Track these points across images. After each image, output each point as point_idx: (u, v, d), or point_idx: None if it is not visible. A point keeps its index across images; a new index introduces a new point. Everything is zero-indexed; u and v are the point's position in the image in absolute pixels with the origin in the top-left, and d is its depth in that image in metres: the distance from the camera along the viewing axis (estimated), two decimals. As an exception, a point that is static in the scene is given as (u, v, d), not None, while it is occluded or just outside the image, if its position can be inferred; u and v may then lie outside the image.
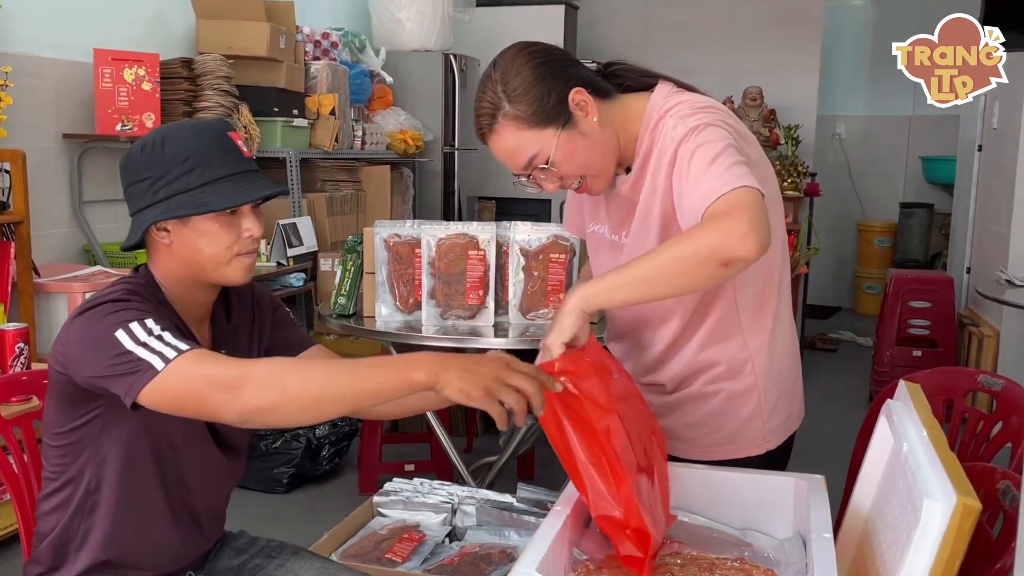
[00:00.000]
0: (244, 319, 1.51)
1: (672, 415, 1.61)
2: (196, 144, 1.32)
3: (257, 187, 1.34)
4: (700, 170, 1.31)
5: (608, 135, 1.45)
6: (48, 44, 3.15)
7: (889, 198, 6.94)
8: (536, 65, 1.41)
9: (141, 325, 1.22)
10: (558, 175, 1.44)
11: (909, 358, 4.26)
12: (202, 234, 1.32)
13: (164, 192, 1.31)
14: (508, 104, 1.40)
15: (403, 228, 2.52)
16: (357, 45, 4.69)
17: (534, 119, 1.40)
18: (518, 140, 1.41)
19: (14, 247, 2.71)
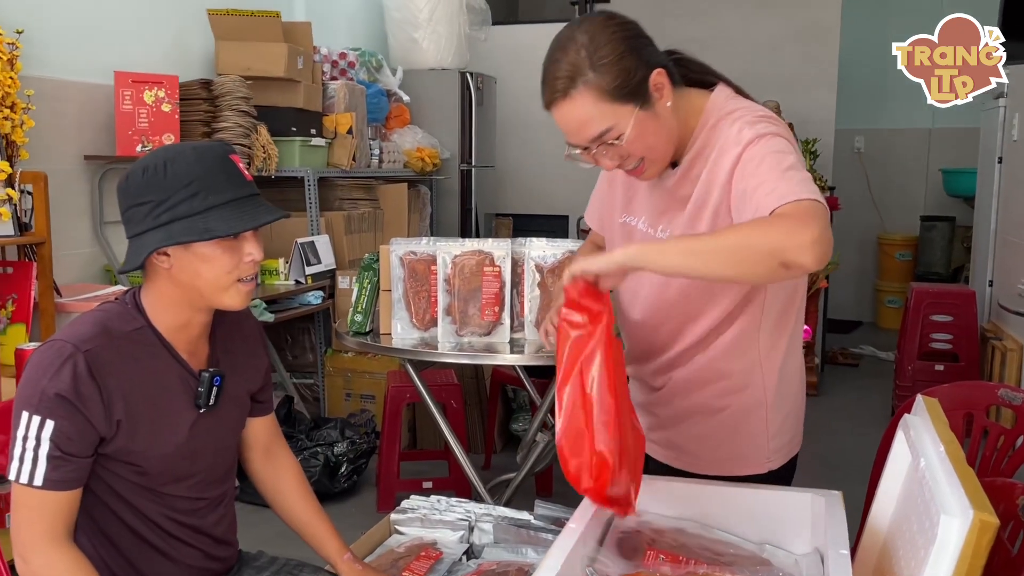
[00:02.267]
0: (243, 345, 1.52)
1: (678, 427, 1.61)
2: (199, 168, 1.31)
3: (260, 212, 1.35)
4: (774, 175, 1.28)
5: (674, 124, 1.42)
6: (70, 67, 3.20)
7: (909, 211, 6.89)
8: (625, 38, 1.36)
9: (39, 427, 1.27)
10: (621, 154, 1.39)
11: (931, 372, 4.21)
12: (203, 259, 1.32)
13: (166, 216, 1.30)
14: (592, 72, 1.33)
15: (419, 245, 2.53)
16: (374, 65, 4.72)
17: (616, 93, 1.34)
18: (595, 111, 1.35)
19: (36, 267, 2.74)
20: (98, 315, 1.35)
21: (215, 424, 1.46)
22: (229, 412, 1.49)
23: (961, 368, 4.20)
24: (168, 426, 1.39)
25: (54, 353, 1.28)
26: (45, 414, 1.26)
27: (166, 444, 1.39)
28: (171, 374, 1.39)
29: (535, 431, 2.72)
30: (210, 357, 1.46)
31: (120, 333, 1.34)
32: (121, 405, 1.32)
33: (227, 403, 1.47)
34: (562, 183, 6.03)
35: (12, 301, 2.69)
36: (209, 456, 1.46)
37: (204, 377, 1.42)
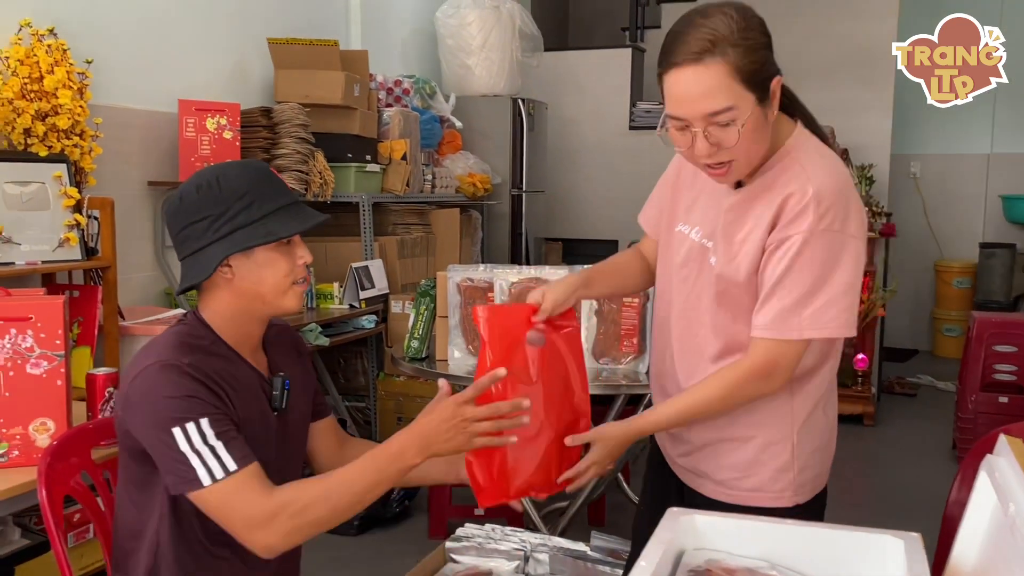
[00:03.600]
0: (290, 355, 1.57)
1: (706, 455, 1.61)
2: (248, 180, 1.39)
3: (309, 215, 1.43)
4: (792, 292, 1.39)
5: (769, 136, 1.40)
6: (136, 95, 3.28)
7: (968, 238, 6.73)
8: (766, 33, 1.36)
9: (197, 428, 1.29)
10: (722, 142, 1.34)
11: (995, 404, 4.09)
12: (264, 264, 1.39)
13: (227, 228, 1.36)
14: (735, 47, 1.29)
15: (476, 272, 2.54)
16: (428, 91, 4.77)
17: (749, 77, 1.31)
18: (724, 85, 1.30)
19: (101, 291, 2.80)
20: (171, 338, 1.39)
21: (290, 428, 1.51)
22: (296, 417, 1.54)
23: (1026, 400, 4.07)
24: (263, 432, 1.43)
25: (161, 371, 1.31)
26: (194, 416, 1.29)
27: (268, 448, 1.43)
28: (251, 380, 1.44)
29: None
30: (269, 364, 1.51)
31: (201, 347, 1.38)
32: (233, 406, 1.37)
33: (294, 408, 1.52)
34: (611, 208, 6.02)
35: (78, 324, 2.74)
36: (291, 462, 1.52)
37: (276, 380, 1.47)
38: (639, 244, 1.78)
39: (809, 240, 1.36)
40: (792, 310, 1.39)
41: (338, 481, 1.34)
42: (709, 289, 1.51)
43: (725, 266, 1.47)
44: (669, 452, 1.68)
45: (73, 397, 1.95)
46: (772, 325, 1.41)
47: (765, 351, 1.43)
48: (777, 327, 1.41)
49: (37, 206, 2.66)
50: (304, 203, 1.46)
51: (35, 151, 2.67)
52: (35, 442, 1.81)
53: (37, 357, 1.79)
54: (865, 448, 4.59)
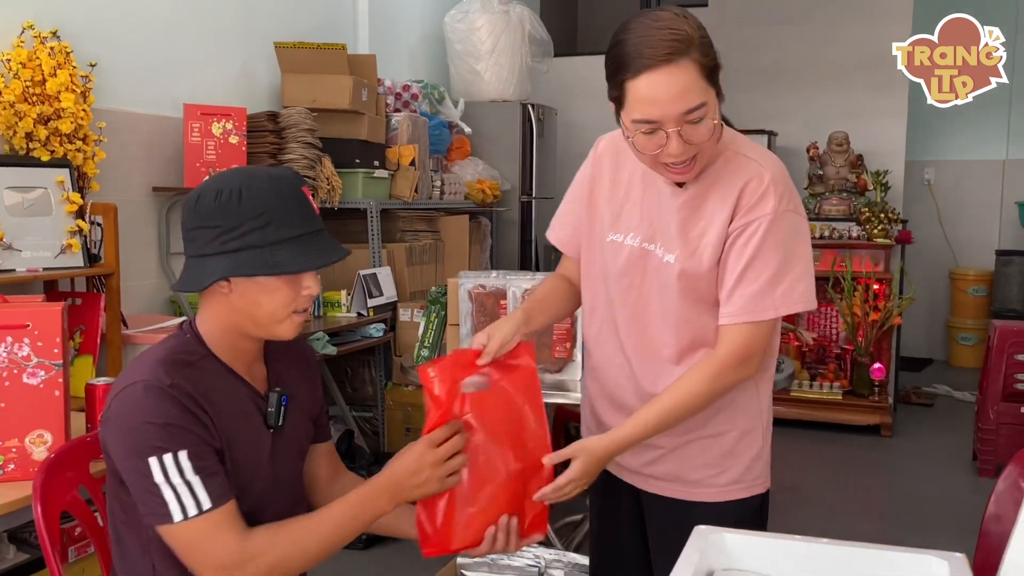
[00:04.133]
0: (296, 369, 1.49)
1: (679, 459, 1.59)
2: (273, 199, 1.28)
3: (327, 250, 1.33)
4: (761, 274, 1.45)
5: None
6: (140, 100, 3.23)
7: (983, 245, 6.64)
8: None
9: (175, 460, 1.22)
10: (692, 141, 1.39)
11: (1017, 415, 4.00)
12: (265, 289, 1.30)
13: (234, 244, 1.27)
14: (699, 48, 1.36)
15: (488, 279, 2.47)
16: (436, 97, 4.72)
17: (710, 74, 1.38)
18: (698, 84, 1.36)
19: (104, 299, 2.74)
20: (160, 352, 1.31)
21: (287, 446, 1.43)
22: (295, 434, 1.46)
23: (1049, 411, 3.98)
24: (255, 451, 1.36)
25: (143, 393, 1.24)
26: (173, 447, 1.22)
27: (260, 468, 1.36)
28: (243, 397, 1.36)
29: (606, 473, 2.61)
30: (269, 378, 1.43)
31: (188, 363, 1.31)
32: (219, 429, 1.29)
33: (292, 425, 1.44)
34: (622, 215, 5.94)
35: (80, 332, 2.68)
36: (286, 480, 1.44)
37: (272, 397, 1.39)
38: (560, 268, 1.77)
39: (774, 221, 1.44)
40: (764, 291, 1.45)
41: (310, 528, 1.30)
42: (664, 290, 1.53)
43: (686, 261, 1.49)
44: (628, 464, 1.64)
45: (73, 407, 1.89)
46: (746, 309, 1.46)
47: (741, 336, 1.47)
48: (750, 310, 1.46)
49: (39, 212, 2.60)
50: (325, 233, 1.35)
51: (37, 156, 2.62)
52: (31, 455, 1.74)
53: (34, 366, 1.73)
54: (884, 460, 4.50)
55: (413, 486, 1.33)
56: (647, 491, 1.64)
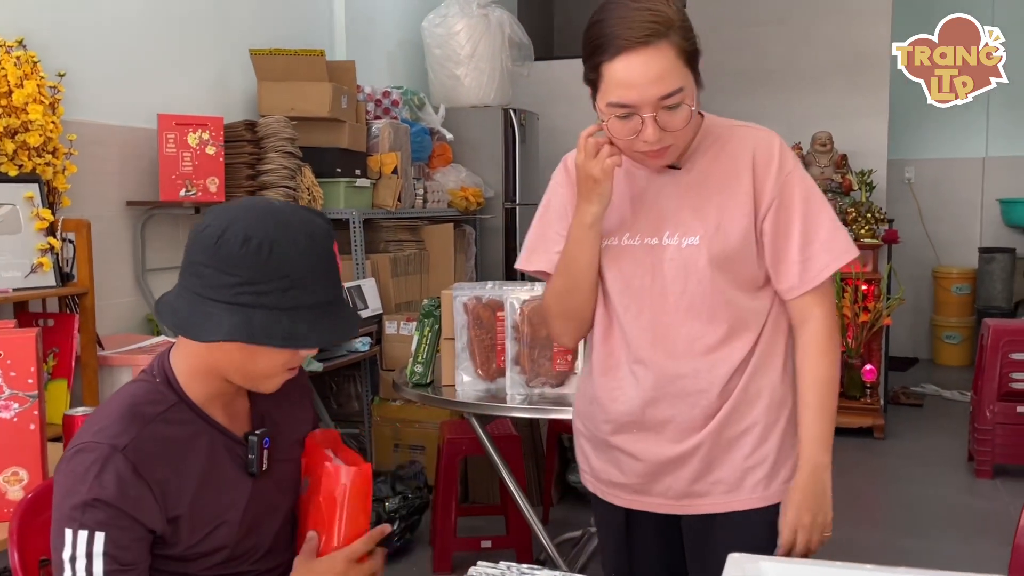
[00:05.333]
0: (285, 396, 1.36)
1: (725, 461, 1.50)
2: (303, 262, 1.16)
3: (345, 324, 1.22)
4: (827, 224, 1.46)
5: None
6: (112, 111, 3.10)
7: (966, 243, 6.64)
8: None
9: (88, 540, 1.11)
10: (668, 127, 1.34)
11: (1013, 415, 3.96)
12: (265, 353, 1.19)
13: (249, 299, 1.14)
14: (679, 31, 1.33)
15: (484, 290, 2.38)
16: (416, 103, 4.62)
17: (689, 59, 1.35)
18: (674, 66, 1.32)
19: (78, 320, 2.61)
20: (124, 401, 1.19)
21: (271, 488, 1.32)
22: (282, 472, 1.35)
23: (1045, 410, 3.95)
24: (227, 505, 1.25)
25: (89, 459, 1.13)
26: (92, 526, 1.11)
27: (229, 525, 1.24)
28: (216, 447, 1.25)
29: (611, 489, 2.52)
30: (252, 416, 1.32)
31: (153, 416, 1.19)
32: (175, 498, 1.18)
33: (279, 463, 1.33)
34: (606, 220, 5.87)
35: (53, 356, 2.55)
36: (269, 524, 1.32)
37: (252, 441, 1.28)
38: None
39: (801, 176, 1.46)
40: (815, 252, 1.44)
41: None
42: (689, 277, 1.45)
43: (712, 239, 1.43)
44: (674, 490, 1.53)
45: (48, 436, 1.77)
46: (807, 277, 1.45)
47: (818, 302, 1.47)
48: (812, 275, 1.45)
49: (7, 229, 2.47)
50: (342, 301, 1.24)
51: (4, 171, 2.48)
52: (6, 495, 1.62)
53: (7, 399, 1.61)
54: (879, 462, 4.45)
55: None
56: (688, 514, 1.54)
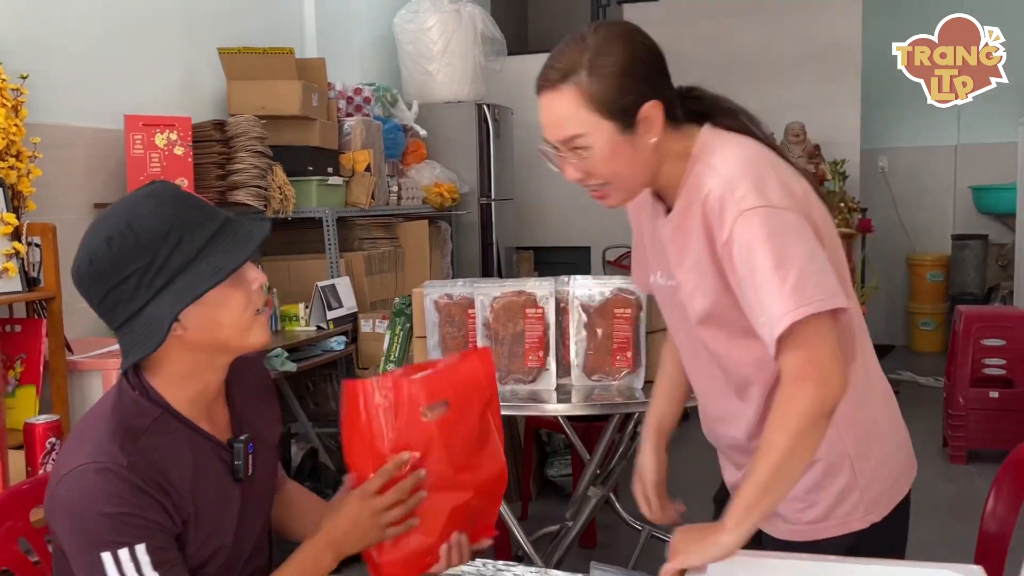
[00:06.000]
0: (256, 396, 1.37)
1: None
2: (167, 212, 1.14)
3: (251, 231, 1.19)
4: (765, 278, 1.23)
5: (653, 160, 1.35)
6: (77, 112, 3.06)
7: (939, 230, 6.70)
8: (634, 58, 1.30)
9: (131, 555, 1.09)
10: (586, 168, 1.32)
11: (986, 400, 4.00)
12: (217, 304, 1.16)
13: (162, 278, 1.13)
14: (587, 75, 1.27)
15: (454, 288, 2.36)
16: (389, 99, 4.59)
17: (601, 105, 1.28)
18: (574, 113, 1.28)
19: (46, 325, 2.58)
20: (111, 419, 1.16)
21: (257, 492, 1.32)
22: (264, 475, 1.34)
23: (1017, 394, 3.99)
24: (222, 510, 1.24)
25: (96, 477, 1.10)
26: (129, 540, 1.09)
27: (225, 531, 1.24)
28: (206, 454, 1.23)
29: (586, 485, 2.53)
30: (232, 421, 1.31)
31: (143, 429, 1.16)
32: (180, 504, 1.17)
33: (261, 466, 1.32)
34: (583, 214, 5.87)
35: (21, 362, 2.52)
36: (253, 527, 1.32)
37: (238, 448, 1.26)
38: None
39: (743, 227, 1.26)
40: (775, 300, 1.24)
41: None
42: (690, 323, 1.42)
43: (693, 291, 1.38)
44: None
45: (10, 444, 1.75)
46: (770, 325, 1.24)
47: (787, 354, 1.25)
48: (774, 324, 1.23)
49: (-30, 235, 2.44)
50: (235, 217, 1.22)
51: (-34, 175, 2.45)
52: (-34, 504, 1.59)
53: (-34, 406, 1.58)
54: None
55: (354, 540, 1.25)
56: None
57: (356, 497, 1.23)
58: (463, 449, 1.29)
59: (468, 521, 1.34)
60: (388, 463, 1.23)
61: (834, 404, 1.23)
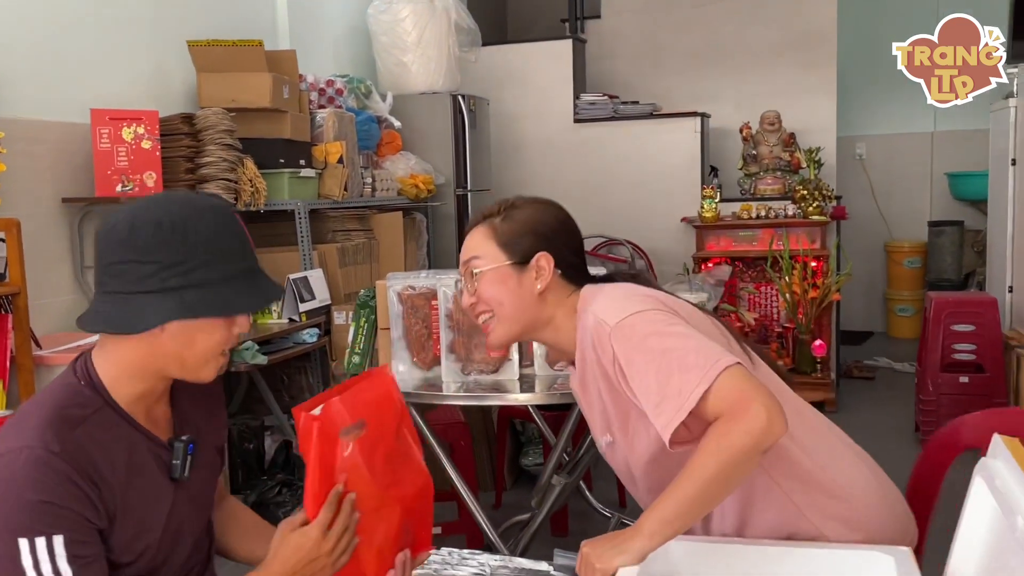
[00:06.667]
0: (204, 400, 1.38)
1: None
2: (217, 234, 1.19)
3: (269, 287, 1.26)
4: (651, 377, 1.31)
5: (537, 307, 1.54)
6: (42, 107, 3.05)
7: (916, 217, 6.74)
8: (545, 218, 1.56)
9: (48, 545, 1.09)
10: (477, 292, 1.54)
11: (956, 385, 4.04)
12: (202, 329, 1.20)
13: (176, 282, 1.16)
14: (500, 219, 1.56)
15: (418, 279, 2.37)
16: (363, 91, 4.59)
17: (501, 239, 1.53)
18: (479, 243, 1.55)
19: (12, 319, 2.58)
20: (49, 406, 1.17)
21: (193, 493, 1.33)
22: (202, 476, 1.36)
23: (987, 379, 4.03)
24: (152, 509, 1.24)
25: (25, 463, 1.11)
26: (48, 530, 1.10)
27: (153, 531, 1.24)
28: (141, 451, 1.24)
29: (550, 473, 2.55)
30: (173, 421, 1.32)
31: (80, 419, 1.17)
32: (109, 500, 1.17)
33: (200, 467, 1.33)
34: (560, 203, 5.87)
35: (-14, 357, 2.52)
36: (189, 532, 1.33)
37: (178, 447, 1.28)
38: None
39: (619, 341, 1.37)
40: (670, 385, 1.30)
41: None
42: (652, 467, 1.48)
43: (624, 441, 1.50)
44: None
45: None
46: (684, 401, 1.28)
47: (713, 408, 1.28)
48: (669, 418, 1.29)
49: (-67, 231, 2.44)
50: (260, 268, 1.28)
51: (-72, 171, 2.45)
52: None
53: (-82, 402, 1.59)
54: (828, 436, 4.51)
55: (309, 574, 1.23)
56: None
57: (316, 530, 1.21)
58: (386, 467, 1.30)
59: (405, 539, 1.36)
60: (330, 496, 1.23)
61: (770, 443, 1.24)
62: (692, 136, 5.59)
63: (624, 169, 5.67)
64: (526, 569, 1.92)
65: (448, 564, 1.88)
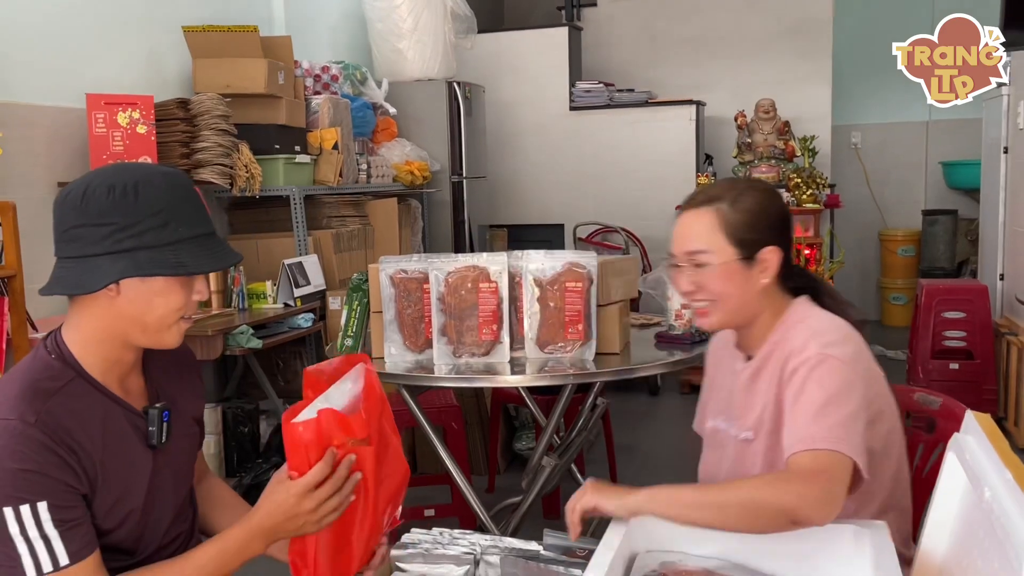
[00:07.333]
0: (177, 371, 1.41)
1: None
2: (170, 196, 1.22)
3: (225, 252, 1.28)
4: (808, 408, 1.35)
5: (757, 301, 1.51)
6: (39, 91, 3.07)
7: (910, 206, 6.76)
8: (773, 208, 1.52)
9: (33, 512, 1.13)
10: (700, 283, 1.50)
11: (946, 371, 4.08)
12: (159, 292, 1.22)
13: (130, 243, 1.18)
14: (729, 207, 1.49)
15: (409, 263, 2.40)
16: (358, 77, 4.60)
17: (732, 233, 1.48)
18: (706, 233, 1.49)
19: (7, 302, 2.60)
20: (21, 380, 1.20)
21: (171, 462, 1.36)
22: (181, 445, 1.39)
23: (976, 366, 4.06)
24: (132, 477, 1.27)
25: (2, 435, 1.14)
26: (31, 497, 1.13)
27: (135, 497, 1.27)
28: (117, 419, 1.27)
29: (541, 454, 2.58)
30: (148, 390, 1.35)
31: (54, 391, 1.20)
32: (88, 465, 1.20)
33: (178, 436, 1.36)
34: (555, 191, 5.91)
35: (-18, 339, 2.54)
36: (171, 495, 1.36)
37: (152, 414, 1.31)
38: None
39: (815, 365, 1.39)
40: (813, 421, 1.34)
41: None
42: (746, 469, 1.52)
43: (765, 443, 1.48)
44: None
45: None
46: (800, 441, 1.34)
47: (804, 457, 1.32)
48: (804, 442, 1.33)
49: (-71, 214, 2.45)
50: (218, 236, 1.30)
51: (-76, 154, 2.47)
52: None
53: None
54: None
55: (290, 530, 1.25)
56: None
57: (294, 495, 1.24)
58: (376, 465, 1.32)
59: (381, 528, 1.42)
60: (322, 462, 1.25)
61: (803, 519, 1.25)
62: (687, 124, 5.61)
63: (619, 157, 5.69)
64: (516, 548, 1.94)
65: (439, 544, 1.90)
